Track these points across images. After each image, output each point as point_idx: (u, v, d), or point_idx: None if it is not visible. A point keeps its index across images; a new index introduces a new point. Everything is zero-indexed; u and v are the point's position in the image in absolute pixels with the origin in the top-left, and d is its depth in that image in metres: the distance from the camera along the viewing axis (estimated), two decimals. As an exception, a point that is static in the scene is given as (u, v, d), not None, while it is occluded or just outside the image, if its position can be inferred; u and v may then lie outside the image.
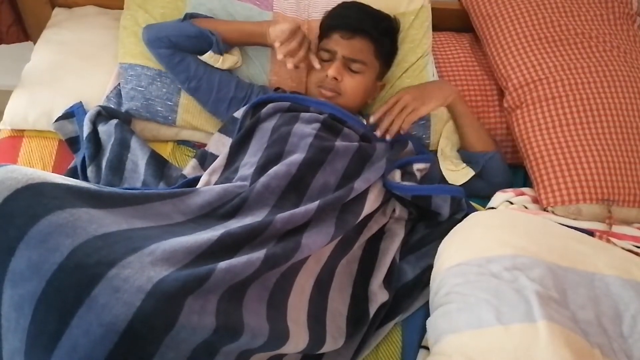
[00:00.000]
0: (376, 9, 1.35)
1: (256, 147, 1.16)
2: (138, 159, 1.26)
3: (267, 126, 1.20)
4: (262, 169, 1.09)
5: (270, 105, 1.24)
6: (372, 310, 1.08)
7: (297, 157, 1.09)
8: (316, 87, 1.29)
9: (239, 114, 1.29)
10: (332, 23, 1.31)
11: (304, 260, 0.99)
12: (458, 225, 1.17)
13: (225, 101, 1.32)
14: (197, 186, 1.11)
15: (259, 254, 0.85)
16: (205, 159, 1.27)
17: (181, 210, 0.94)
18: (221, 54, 1.30)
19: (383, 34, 1.33)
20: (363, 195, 1.14)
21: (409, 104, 1.24)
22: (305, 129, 1.16)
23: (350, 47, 1.26)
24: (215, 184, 1.13)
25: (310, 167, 1.09)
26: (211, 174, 1.16)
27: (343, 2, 1.37)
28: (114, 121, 1.30)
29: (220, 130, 1.31)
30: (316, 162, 1.10)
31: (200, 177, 1.17)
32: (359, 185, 1.11)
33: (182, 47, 1.29)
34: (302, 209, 0.99)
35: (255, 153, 1.15)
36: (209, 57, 1.29)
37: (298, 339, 0.91)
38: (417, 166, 1.28)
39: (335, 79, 1.25)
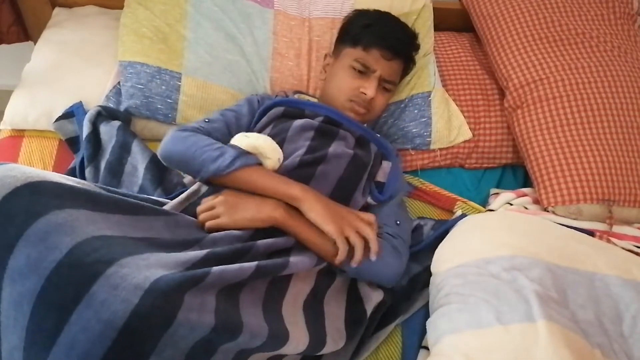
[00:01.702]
0: (408, 26, 1.35)
1: None
2: (138, 163, 1.25)
3: None
4: None
5: (265, 117, 1.24)
6: (369, 309, 1.08)
7: (286, 173, 1.08)
8: (347, 101, 1.25)
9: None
10: (374, 39, 1.24)
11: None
12: (455, 227, 1.18)
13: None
14: (186, 193, 1.10)
15: (250, 264, 0.87)
16: None
17: (170, 229, 0.93)
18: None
19: (413, 57, 1.35)
20: None
21: (218, 209, 1.01)
22: (297, 141, 1.15)
23: (389, 68, 1.25)
24: (204, 192, 1.12)
25: (300, 182, 1.08)
26: (202, 184, 1.14)
27: (380, 14, 1.34)
28: (117, 123, 1.30)
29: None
30: (307, 176, 1.09)
31: None
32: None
33: None
34: (283, 238, 1.00)
35: None
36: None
37: (298, 341, 0.91)
38: (378, 177, 1.24)
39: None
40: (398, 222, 1.18)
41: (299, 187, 1.03)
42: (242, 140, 1.09)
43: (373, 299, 1.09)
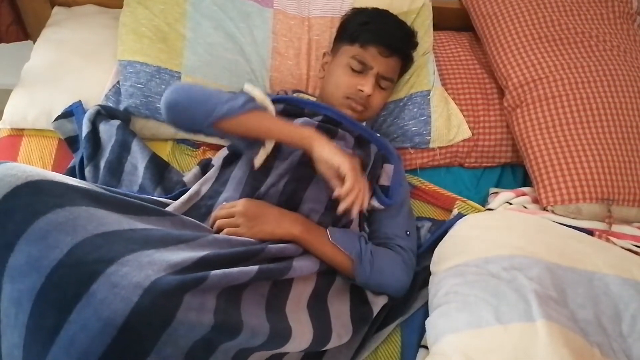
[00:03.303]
0: (406, 24, 1.35)
1: (245, 159, 1.16)
2: (138, 162, 1.25)
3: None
4: (250, 188, 1.10)
5: None
6: (376, 309, 1.09)
7: (285, 175, 1.09)
8: (344, 98, 1.25)
9: None
10: (371, 36, 1.24)
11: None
12: (455, 227, 1.18)
13: None
14: (188, 194, 1.12)
15: (252, 268, 0.87)
16: (207, 169, 1.25)
17: (177, 229, 0.94)
18: (260, 146, 1.12)
19: (411, 54, 1.35)
20: (350, 221, 1.16)
21: (237, 220, 1.02)
22: None
23: (386, 65, 1.25)
24: (205, 194, 1.14)
25: (300, 182, 1.09)
26: (202, 184, 1.16)
27: (378, 12, 1.34)
28: (116, 122, 1.30)
29: (228, 147, 1.28)
30: (306, 176, 1.10)
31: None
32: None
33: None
34: (293, 245, 1.02)
35: (244, 165, 1.15)
36: (258, 162, 1.12)
37: (302, 338, 0.91)
38: (382, 180, 1.25)
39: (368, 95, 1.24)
40: (408, 233, 1.20)
41: (310, 128, 1.06)
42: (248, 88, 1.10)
43: (379, 302, 1.10)
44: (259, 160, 1.09)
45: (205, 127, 1.05)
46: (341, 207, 0.96)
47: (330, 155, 0.98)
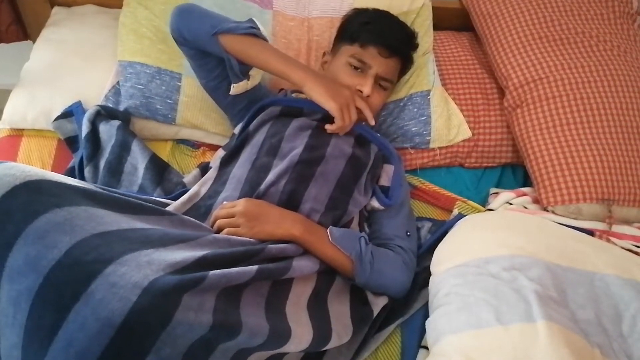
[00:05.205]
0: (407, 25, 1.35)
1: (245, 158, 1.16)
2: (138, 162, 1.25)
3: (259, 138, 1.19)
4: (250, 187, 1.10)
5: (261, 115, 1.23)
6: (376, 310, 1.09)
7: (284, 174, 1.09)
8: None
9: (237, 129, 1.28)
10: (371, 37, 1.23)
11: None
12: (455, 227, 1.18)
13: (241, 103, 1.27)
14: (188, 194, 1.13)
15: (251, 268, 0.87)
16: (206, 172, 1.25)
17: (177, 228, 0.94)
18: (244, 78, 1.20)
19: (411, 56, 1.35)
20: (350, 221, 1.16)
21: (238, 220, 1.01)
22: (295, 140, 1.15)
23: (386, 65, 1.24)
24: (205, 194, 1.14)
25: (300, 182, 1.09)
26: (202, 185, 1.17)
27: (379, 13, 1.34)
28: (116, 122, 1.30)
29: (223, 147, 1.29)
30: (306, 176, 1.10)
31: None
32: (351, 208, 1.14)
33: (206, 54, 1.20)
34: (293, 245, 1.02)
35: (244, 164, 1.15)
36: (235, 89, 1.21)
37: (301, 338, 0.91)
38: (382, 180, 1.26)
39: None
40: (409, 234, 1.20)
41: (299, 73, 1.11)
42: None
43: (379, 302, 1.10)
44: (236, 88, 1.18)
45: (209, 37, 1.13)
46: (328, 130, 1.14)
47: (320, 100, 1.09)
